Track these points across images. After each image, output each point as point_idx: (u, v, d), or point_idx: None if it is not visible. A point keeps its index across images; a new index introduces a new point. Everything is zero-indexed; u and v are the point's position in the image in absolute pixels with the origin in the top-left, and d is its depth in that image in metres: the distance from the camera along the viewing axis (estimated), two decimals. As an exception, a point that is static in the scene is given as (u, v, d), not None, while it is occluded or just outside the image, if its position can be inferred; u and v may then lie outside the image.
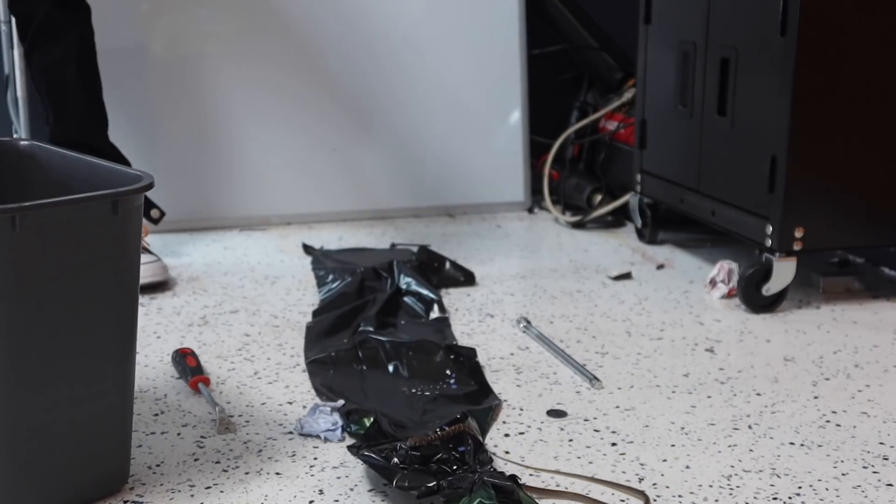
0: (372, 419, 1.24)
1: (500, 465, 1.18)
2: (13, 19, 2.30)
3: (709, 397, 1.40)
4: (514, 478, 1.08)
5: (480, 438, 1.19)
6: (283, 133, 2.40)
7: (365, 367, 1.47)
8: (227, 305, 1.80)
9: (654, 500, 1.11)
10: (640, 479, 1.15)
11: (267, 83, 2.38)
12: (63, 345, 1.02)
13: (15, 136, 2.34)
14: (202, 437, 1.27)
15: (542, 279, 1.97)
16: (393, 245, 2.19)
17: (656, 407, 1.36)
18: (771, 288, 1.75)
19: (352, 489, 1.13)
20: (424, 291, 1.78)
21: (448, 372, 1.45)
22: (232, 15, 2.36)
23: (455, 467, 1.11)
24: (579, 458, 1.21)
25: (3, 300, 0.98)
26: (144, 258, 1.89)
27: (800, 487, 1.14)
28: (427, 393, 1.40)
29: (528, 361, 1.53)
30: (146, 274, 1.87)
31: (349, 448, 1.16)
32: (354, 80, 2.44)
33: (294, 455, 1.22)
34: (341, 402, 1.32)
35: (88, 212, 1.02)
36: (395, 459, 1.10)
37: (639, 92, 2.21)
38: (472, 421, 1.22)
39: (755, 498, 1.11)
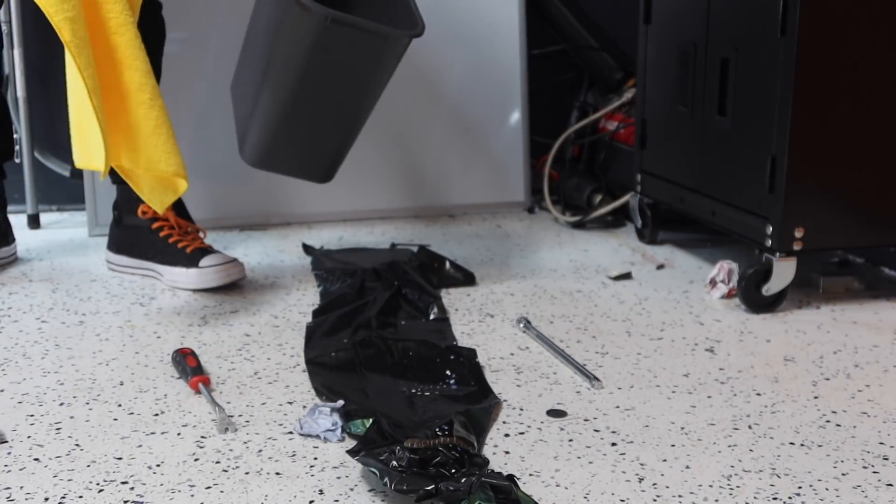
0: (371, 420, 1.24)
1: (498, 464, 1.19)
2: (14, 19, 2.30)
3: (709, 397, 1.40)
4: (511, 477, 1.08)
5: (474, 444, 1.19)
6: (283, 133, 2.40)
7: (365, 367, 1.47)
8: (227, 305, 1.80)
9: (655, 500, 1.11)
10: (640, 479, 1.15)
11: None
12: None
13: (15, 135, 2.34)
14: (202, 437, 1.27)
15: (542, 279, 1.97)
16: (393, 245, 2.19)
17: (656, 407, 1.36)
18: (771, 288, 1.75)
19: (352, 489, 1.13)
20: (424, 292, 1.78)
21: (448, 372, 1.45)
22: (232, 15, 2.36)
23: (454, 470, 1.11)
24: (579, 458, 1.21)
25: None
26: (221, 258, 1.89)
27: (800, 487, 1.14)
28: (427, 393, 1.40)
29: (528, 361, 1.53)
30: (228, 273, 1.87)
31: (348, 452, 1.16)
32: (354, 80, 2.44)
33: (294, 455, 1.22)
34: (341, 402, 1.32)
35: None
36: (394, 462, 1.10)
37: (639, 92, 2.21)
38: (462, 429, 1.21)
39: (755, 498, 1.11)
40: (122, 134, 1.62)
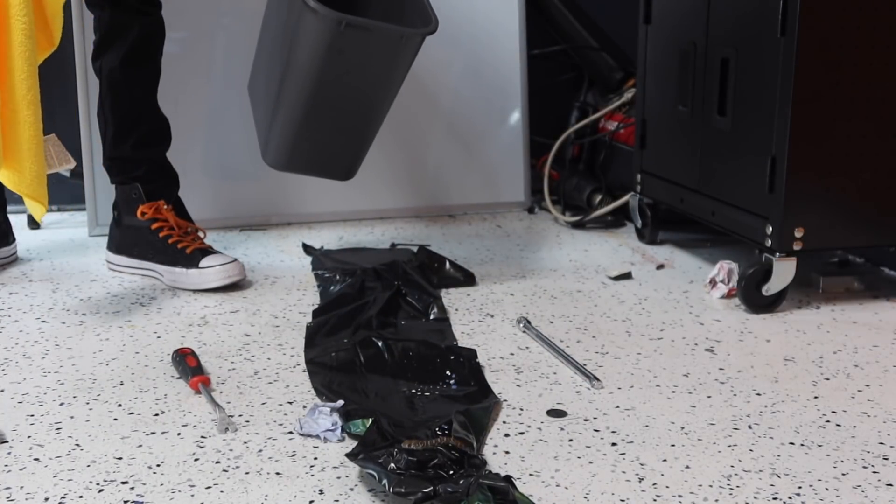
0: (371, 420, 1.24)
1: (498, 464, 1.19)
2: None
3: (709, 397, 1.40)
4: (508, 478, 1.08)
5: (473, 444, 1.19)
6: (283, 133, 2.40)
7: (365, 367, 1.47)
8: (227, 305, 1.80)
9: (655, 500, 1.11)
10: (640, 479, 1.15)
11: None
12: None
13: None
14: (202, 437, 1.27)
15: (542, 279, 1.97)
16: (393, 245, 2.19)
17: (656, 407, 1.36)
18: (771, 288, 1.75)
19: (352, 489, 1.13)
20: (424, 292, 1.78)
21: (448, 372, 1.45)
22: (231, 15, 2.36)
23: (452, 472, 1.11)
24: (579, 458, 1.21)
25: None
26: (221, 259, 1.90)
27: (800, 487, 1.14)
28: (427, 393, 1.40)
29: (528, 361, 1.53)
30: (228, 274, 1.88)
31: (347, 455, 1.16)
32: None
33: (294, 455, 1.22)
34: (341, 402, 1.32)
35: None
36: (392, 465, 1.10)
37: (639, 92, 2.21)
38: (461, 429, 1.21)
39: (755, 498, 1.11)
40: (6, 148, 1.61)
